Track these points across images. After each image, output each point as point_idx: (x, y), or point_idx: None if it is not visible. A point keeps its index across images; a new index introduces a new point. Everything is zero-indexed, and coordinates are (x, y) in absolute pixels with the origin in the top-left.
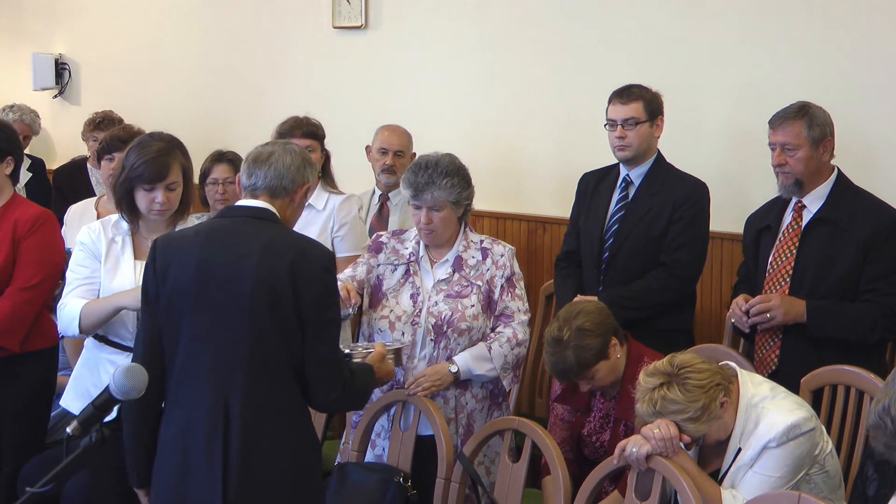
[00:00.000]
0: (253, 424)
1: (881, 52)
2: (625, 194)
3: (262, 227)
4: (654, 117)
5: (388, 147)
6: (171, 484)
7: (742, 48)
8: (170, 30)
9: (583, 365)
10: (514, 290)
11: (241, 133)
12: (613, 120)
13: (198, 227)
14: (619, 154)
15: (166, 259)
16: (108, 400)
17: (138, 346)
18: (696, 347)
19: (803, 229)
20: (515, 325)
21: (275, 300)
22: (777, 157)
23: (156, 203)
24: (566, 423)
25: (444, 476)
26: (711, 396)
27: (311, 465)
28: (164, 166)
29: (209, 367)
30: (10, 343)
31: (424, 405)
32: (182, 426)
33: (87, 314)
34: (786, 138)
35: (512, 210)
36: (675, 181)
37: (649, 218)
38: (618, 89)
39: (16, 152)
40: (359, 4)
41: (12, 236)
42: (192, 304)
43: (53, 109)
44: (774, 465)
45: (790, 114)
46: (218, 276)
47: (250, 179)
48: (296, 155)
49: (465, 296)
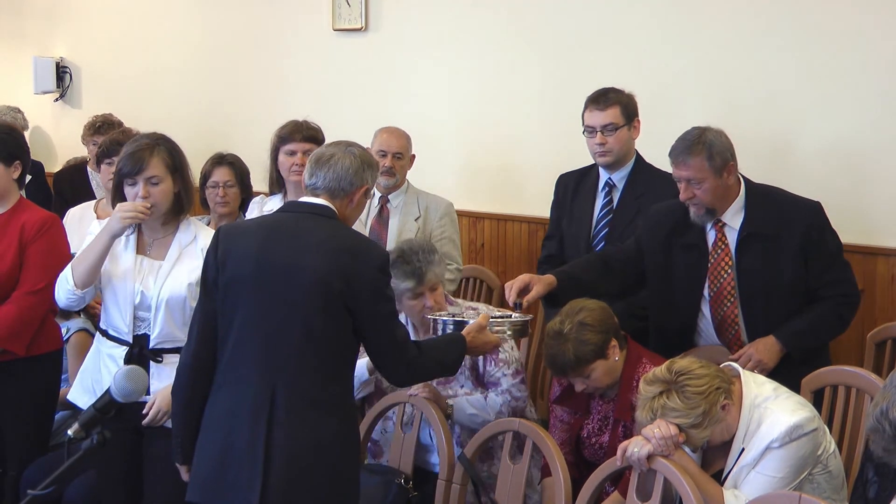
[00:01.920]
0: (297, 412)
1: (874, 53)
2: (609, 199)
3: (323, 223)
4: (631, 120)
5: (387, 149)
6: (213, 462)
7: (744, 50)
8: (170, 33)
9: (581, 360)
10: (497, 357)
11: (242, 136)
12: (592, 126)
13: (260, 220)
14: (600, 160)
15: (227, 247)
16: (109, 402)
17: (193, 328)
18: (698, 349)
19: (735, 248)
20: (506, 386)
21: (329, 295)
22: (685, 192)
23: (137, 198)
24: (565, 425)
25: (444, 477)
26: (712, 401)
27: (351, 457)
28: (141, 160)
29: (259, 354)
30: (16, 347)
31: (426, 406)
32: (228, 407)
33: (77, 261)
34: (689, 173)
35: (512, 212)
36: (660, 182)
37: (638, 221)
38: (593, 95)
39: (24, 157)
40: (358, 7)
41: (19, 240)
42: (248, 292)
43: (54, 113)
44: (777, 465)
45: (688, 148)
46: (276, 268)
47: (311, 179)
48: (355, 158)
49: (454, 381)
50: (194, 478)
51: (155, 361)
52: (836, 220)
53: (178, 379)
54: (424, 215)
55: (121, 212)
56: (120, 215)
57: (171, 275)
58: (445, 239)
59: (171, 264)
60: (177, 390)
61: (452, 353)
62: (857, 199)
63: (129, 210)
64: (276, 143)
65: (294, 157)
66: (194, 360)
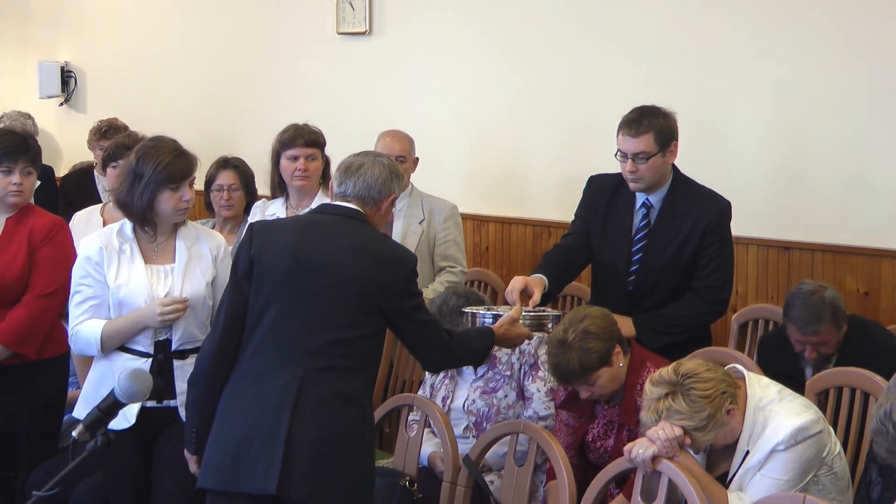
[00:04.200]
0: (323, 405)
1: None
2: (646, 221)
3: (356, 227)
4: (667, 146)
5: (390, 152)
6: (230, 449)
7: (747, 53)
8: (175, 37)
9: (586, 368)
10: (537, 374)
11: (246, 139)
12: (624, 152)
13: (296, 218)
14: (632, 185)
15: (264, 241)
16: (114, 404)
17: (220, 318)
18: (702, 350)
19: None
20: (535, 404)
21: (365, 297)
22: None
23: (183, 201)
24: (570, 429)
25: (449, 480)
26: (717, 405)
27: (369, 451)
28: (191, 164)
29: (290, 346)
30: (27, 350)
31: (430, 408)
32: (252, 397)
33: (109, 336)
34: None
35: (517, 215)
36: (699, 201)
37: (676, 244)
38: (627, 117)
39: (38, 163)
40: (363, 10)
41: (28, 245)
42: (284, 284)
43: (59, 117)
44: (782, 468)
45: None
46: (312, 265)
47: (340, 188)
48: (384, 168)
49: (499, 388)
50: (208, 464)
51: (180, 359)
52: (840, 221)
53: (198, 366)
54: (428, 218)
55: (161, 311)
56: (160, 318)
57: (188, 276)
58: (450, 242)
59: (182, 266)
60: (195, 378)
61: (482, 343)
62: (861, 201)
63: (170, 310)
64: (277, 148)
65: (297, 162)
66: (219, 349)
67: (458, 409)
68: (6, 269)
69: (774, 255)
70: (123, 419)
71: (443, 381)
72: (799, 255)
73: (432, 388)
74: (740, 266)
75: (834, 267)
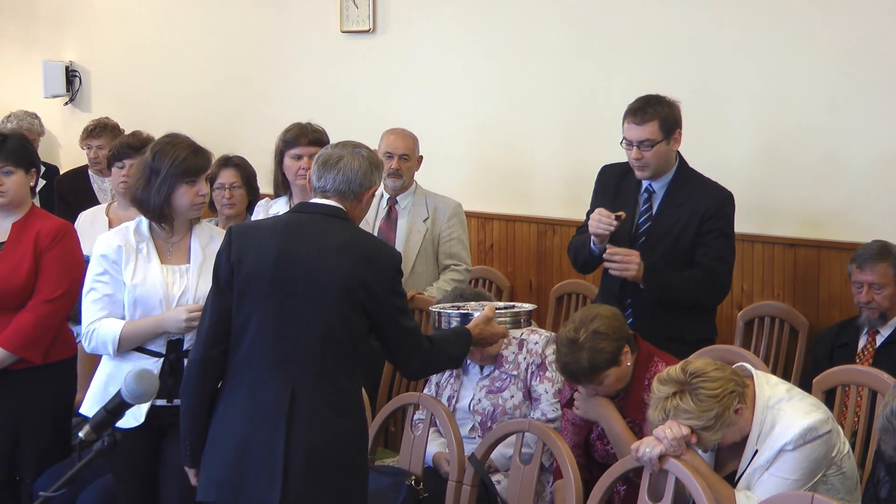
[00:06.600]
0: (317, 412)
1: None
2: (648, 206)
3: (338, 225)
4: (671, 133)
5: (394, 151)
6: (230, 462)
7: (745, 50)
8: (178, 36)
9: (595, 368)
10: (545, 374)
11: (249, 138)
12: (629, 140)
13: (275, 220)
14: (638, 173)
15: (242, 247)
16: (120, 404)
17: (203, 327)
18: (708, 348)
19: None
20: (543, 405)
21: (350, 297)
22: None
23: (199, 196)
24: (576, 428)
25: (455, 479)
26: (725, 405)
27: (363, 454)
28: (207, 159)
29: (278, 353)
30: (33, 355)
31: (435, 407)
32: (246, 407)
33: (128, 338)
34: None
35: (521, 212)
36: (701, 190)
37: (676, 230)
38: (632, 106)
39: (38, 164)
40: (366, 8)
41: (34, 248)
42: (266, 290)
43: (64, 116)
44: (791, 467)
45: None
46: (296, 267)
47: (319, 182)
48: (363, 159)
49: (505, 388)
50: (208, 478)
51: None
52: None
53: (187, 376)
54: (433, 216)
55: (187, 317)
56: (185, 325)
57: (203, 277)
58: (454, 240)
59: (197, 266)
60: (184, 387)
61: (460, 348)
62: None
63: (196, 316)
64: (280, 147)
65: (300, 161)
66: (203, 358)
67: (464, 410)
68: (12, 274)
69: (780, 252)
70: (132, 418)
71: (448, 379)
72: (805, 252)
73: (437, 387)
74: (745, 263)
75: (840, 264)
